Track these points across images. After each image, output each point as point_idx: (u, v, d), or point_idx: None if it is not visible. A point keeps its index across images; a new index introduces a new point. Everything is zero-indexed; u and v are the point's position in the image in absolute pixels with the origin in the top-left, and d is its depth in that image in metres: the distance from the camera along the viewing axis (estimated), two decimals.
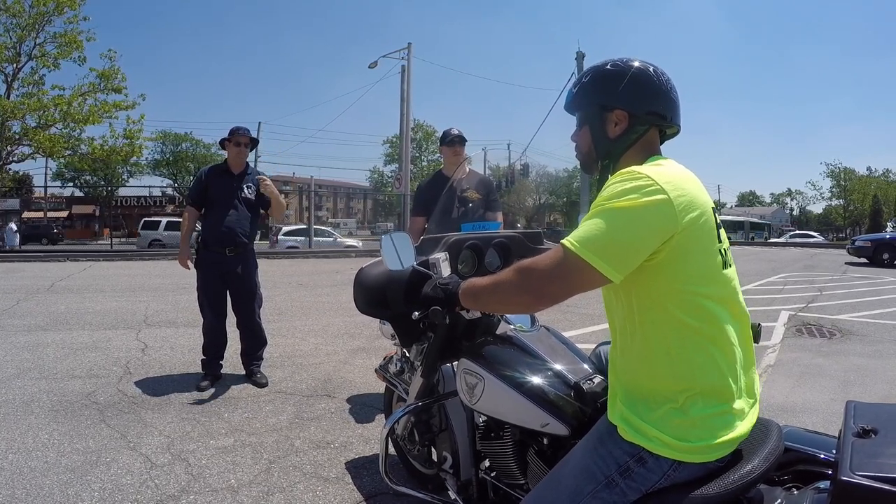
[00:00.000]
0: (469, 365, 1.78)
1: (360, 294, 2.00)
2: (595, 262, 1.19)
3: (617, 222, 1.20)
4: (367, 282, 1.96)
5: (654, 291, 1.27)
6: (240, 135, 4.25)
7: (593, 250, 1.19)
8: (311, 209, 28.40)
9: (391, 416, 2.09)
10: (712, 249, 1.28)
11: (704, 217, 1.26)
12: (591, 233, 1.21)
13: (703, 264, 1.26)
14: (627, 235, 1.19)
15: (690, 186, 1.27)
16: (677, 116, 1.43)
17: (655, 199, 1.20)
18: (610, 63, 1.43)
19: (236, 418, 3.58)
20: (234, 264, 4.23)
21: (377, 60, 25.28)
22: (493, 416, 1.76)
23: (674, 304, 1.25)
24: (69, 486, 2.65)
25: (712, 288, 1.27)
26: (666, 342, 1.26)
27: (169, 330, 6.27)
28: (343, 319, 7.03)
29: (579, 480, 1.29)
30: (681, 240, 1.22)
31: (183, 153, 49.28)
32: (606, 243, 1.19)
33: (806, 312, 8.01)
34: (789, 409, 3.89)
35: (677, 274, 1.24)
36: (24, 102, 20.77)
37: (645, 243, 1.20)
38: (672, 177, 1.25)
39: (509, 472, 1.81)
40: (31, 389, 4.05)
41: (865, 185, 59.32)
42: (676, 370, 1.25)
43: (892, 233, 20.36)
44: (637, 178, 1.23)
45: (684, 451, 1.22)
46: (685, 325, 1.25)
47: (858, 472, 1.09)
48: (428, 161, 49.88)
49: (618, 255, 1.19)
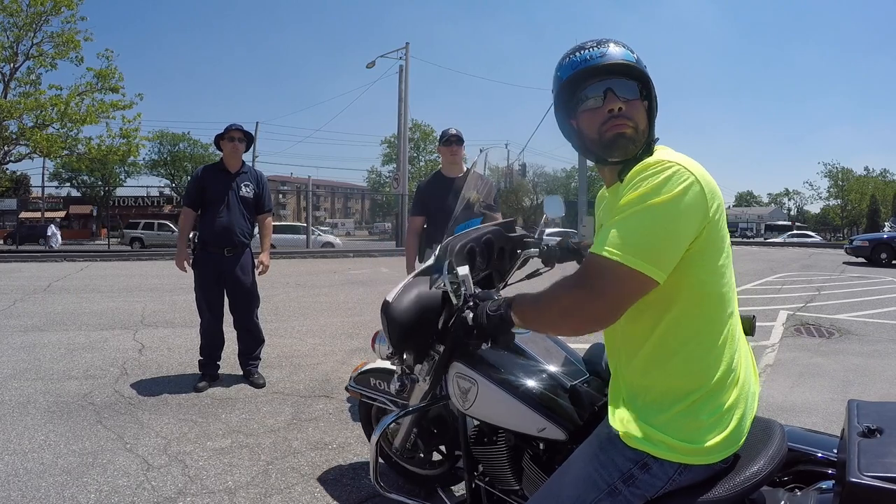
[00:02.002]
0: (462, 369, 1.71)
1: (393, 329, 1.80)
2: (641, 266, 1.12)
3: (655, 219, 1.13)
4: (401, 316, 1.78)
5: (677, 286, 1.21)
6: (233, 131, 4.23)
7: (636, 254, 1.12)
8: (308, 209, 28.44)
9: (381, 423, 2.03)
10: (726, 243, 1.26)
11: (722, 209, 1.23)
12: (627, 236, 1.14)
13: (718, 259, 1.23)
14: (668, 232, 1.14)
15: (708, 175, 1.22)
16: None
17: (690, 188, 1.15)
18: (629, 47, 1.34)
19: (234, 419, 3.57)
20: (232, 264, 4.22)
21: (375, 60, 25.40)
22: (488, 422, 1.71)
23: (691, 301, 1.23)
24: (65, 487, 2.64)
25: (723, 284, 1.25)
26: (681, 340, 1.24)
27: (166, 330, 6.25)
28: (341, 319, 7.02)
29: (580, 490, 1.25)
30: (709, 231, 1.19)
31: (180, 153, 49.27)
32: (648, 243, 1.13)
33: (804, 312, 8.02)
34: (788, 408, 3.88)
35: (697, 270, 1.21)
36: (21, 102, 20.70)
37: (684, 237, 1.16)
38: (695, 164, 1.21)
39: (503, 478, 1.75)
40: (28, 390, 4.03)
41: (863, 185, 59.46)
42: (691, 369, 1.23)
43: (889, 233, 20.34)
44: (666, 169, 1.16)
45: (690, 453, 1.19)
46: (701, 321, 1.23)
47: (867, 473, 1.08)
48: (425, 161, 49.84)
49: (662, 254, 1.14)
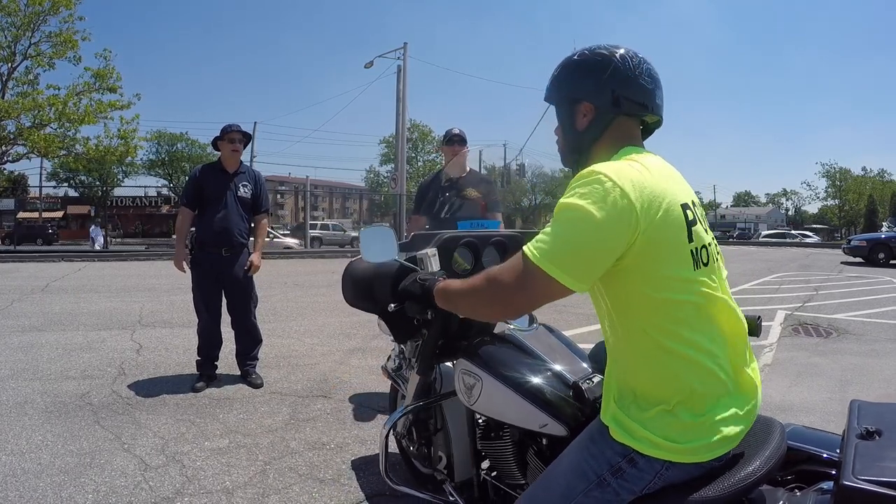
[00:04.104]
0: (467, 365, 1.77)
1: (348, 287, 2.01)
2: (556, 274, 1.13)
3: (576, 230, 1.14)
4: (355, 275, 1.98)
5: (624, 297, 1.22)
6: (233, 132, 4.21)
7: (553, 261, 1.14)
8: (307, 209, 28.48)
9: (391, 416, 2.08)
10: (681, 250, 1.20)
11: (671, 216, 1.19)
12: (550, 242, 1.15)
13: (673, 266, 1.19)
14: (587, 243, 1.14)
15: (655, 183, 1.19)
16: (651, 104, 1.34)
17: (615, 202, 1.13)
18: (578, 53, 1.37)
19: (231, 419, 3.56)
20: (230, 264, 4.20)
21: (373, 60, 25.32)
22: (492, 417, 1.75)
23: (646, 309, 1.20)
24: (63, 488, 2.62)
25: (685, 290, 1.20)
26: (643, 348, 1.23)
27: (164, 330, 6.23)
28: (339, 319, 7.01)
29: (571, 479, 1.27)
30: (644, 242, 1.16)
31: (178, 153, 49.12)
32: (566, 253, 1.14)
33: (802, 312, 8.03)
34: (786, 408, 3.89)
35: (646, 278, 1.18)
36: (18, 102, 20.62)
37: (607, 250, 1.15)
38: (634, 174, 1.18)
39: (509, 473, 1.80)
40: (25, 390, 4.02)
41: (861, 185, 59.59)
42: (659, 375, 1.22)
43: (887, 232, 20.41)
44: (595, 181, 1.16)
45: (674, 451, 1.19)
46: (660, 331, 1.20)
47: (861, 477, 1.07)
48: (424, 161, 49.82)
49: (579, 265, 1.14)
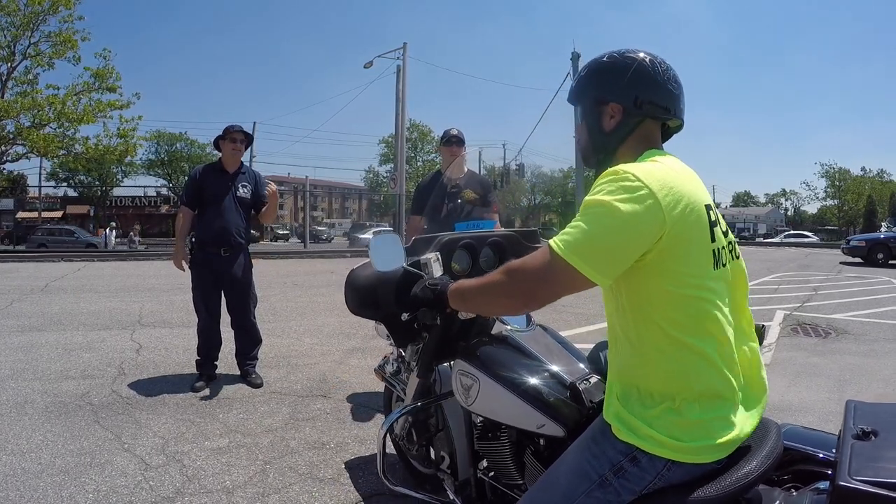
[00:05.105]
0: (464, 366, 1.77)
1: (351, 295, 2.00)
2: (581, 267, 1.16)
3: (603, 225, 1.17)
4: (358, 282, 1.96)
5: (644, 292, 1.24)
6: (235, 131, 4.22)
7: (579, 254, 1.17)
8: (306, 209, 28.48)
9: (388, 417, 2.09)
10: (704, 249, 1.24)
11: (695, 215, 1.23)
12: (577, 236, 1.18)
13: (694, 264, 1.22)
14: (614, 239, 1.17)
15: (681, 184, 1.23)
16: (676, 108, 1.39)
17: (642, 200, 1.17)
18: (607, 55, 1.41)
19: (231, 419, 3.56)
20: (229, 264, 4.21)
21: (372, 60, 25.28)
22: (489, 417, 1.75)
23: (664, 304, 1.22)
24: (63, 487, 2.63)
25: (705, 288, 1.23)
26: (658, 343, 1.24)
27: (163, 330, 6.24)
28: (338, 319, 7.01)
29: (572, 480, 1.28)
30: (669, 240, 1.19)
31: (177, 153, 49.07)
32: (592, 247, 1.17)
33: (801, 312, 8.04)
34: (785, 408, 3.90)
35: (666, 274, 1.21)
36: (18, 101, 20.62)
37: (632, 246, 1.18)
38: (661, 174, 1.22)
39: (507, 473, 1.80)
40: (25, 390, 4.02)
41: (860, 186, 59.65)
42: (670, 371, 1.23)
43: (886, 233, 20.44)
44: (623, 178, 1.20)
45: (678, 450, 1.20)
46: (677, 326, 1.22)
47: (856, 477, 1.07)
48: (423, 161, 49.83)
49: (604, 259, 1.17)
